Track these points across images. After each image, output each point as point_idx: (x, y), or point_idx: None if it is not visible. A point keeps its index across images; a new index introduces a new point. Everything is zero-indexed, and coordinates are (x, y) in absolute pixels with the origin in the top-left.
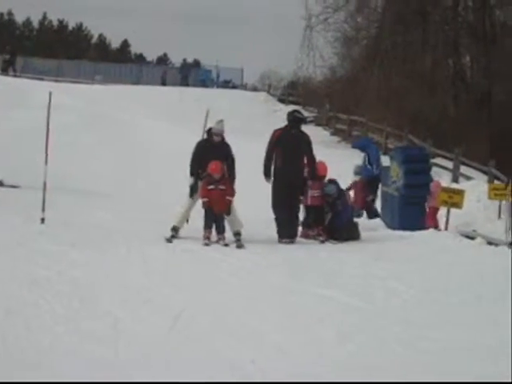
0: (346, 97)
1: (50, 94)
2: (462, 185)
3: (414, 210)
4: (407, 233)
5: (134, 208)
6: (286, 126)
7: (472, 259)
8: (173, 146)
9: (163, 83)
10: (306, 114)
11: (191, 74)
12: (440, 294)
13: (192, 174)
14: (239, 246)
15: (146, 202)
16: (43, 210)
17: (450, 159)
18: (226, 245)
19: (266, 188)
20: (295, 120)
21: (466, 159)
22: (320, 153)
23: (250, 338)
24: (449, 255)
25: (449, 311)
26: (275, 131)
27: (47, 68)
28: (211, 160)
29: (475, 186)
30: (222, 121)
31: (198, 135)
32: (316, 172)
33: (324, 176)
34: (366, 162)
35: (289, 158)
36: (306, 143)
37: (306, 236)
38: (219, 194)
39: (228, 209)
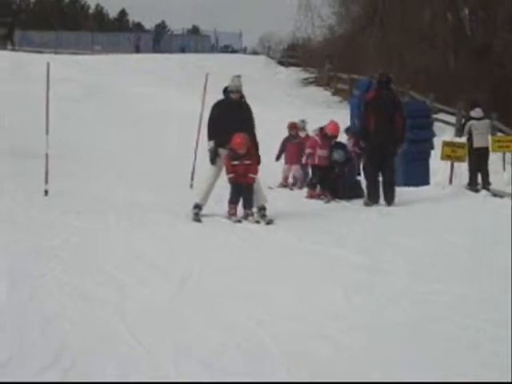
0: (346, 56)
1: (48, 64)
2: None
3: (417, 166)
4: (411, 189)
5: (137, 176)
6: (378, 89)
7: (477, 212)
8: (176, 112)
9: (137, 50)
10: (306, 75)
11: (163, 40)
12: (447, 247)
13: (210, 138)
14: (268, 221)
15: (149, 170)
16: (46, 181)
17: (453, 114)
18: (257, 221)
19: (272, 151)
20: (386, 81)
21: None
22: (322, 113)
23: (257, 300)
24: (454, 209)
25: (456, 264)
26: (366, 94)
27: (45, 40)
28: (230, 123)
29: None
30: (239, 76)
31: (200, 99)
32: (398, 132)
33: (335, 136)
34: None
35: (381, 120)
36: (397, 104)
37: (310, 196)
38: (245, 169)
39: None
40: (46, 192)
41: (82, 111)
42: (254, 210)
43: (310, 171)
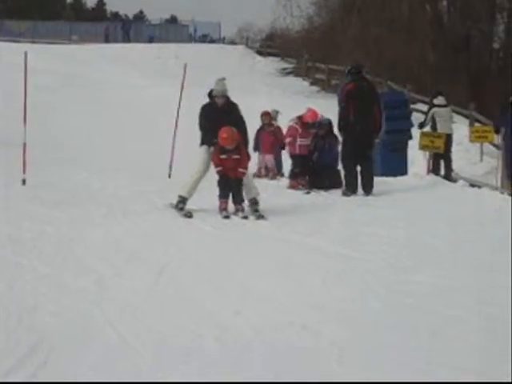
0: (325, 46)
1: (26, 54)
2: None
3: (395, 156)
4: (389, 179)
5: (116, 166)
6: (356, 80)
7: (455, 202)
8: (154, 102)
9: (106, 39)
10: (285, 65)
11: (132, 30)
12: (424, 237)
13: (204, 143)
14: (259, 216)
15: (128, 159)
16: (24, 171)
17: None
18: (246, 217)
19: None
20: (357, 72)
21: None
22: (300, 102)
23: (235, 289)
24: (432, 199)
25: (433, 254)
26: (346, 85)
27: (23, 30)
28: (219, 126)
29: (456, 130)
30: (223, 79)
31: (179, 89)
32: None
33: (313, 123)
34: None
35: (361, 111)
36: (375, 95)
37: (292, 187)
38: (234, 163)
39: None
40: (24, 182)
41: (60, 101)
42: (246, 203)
43: (283, 161)
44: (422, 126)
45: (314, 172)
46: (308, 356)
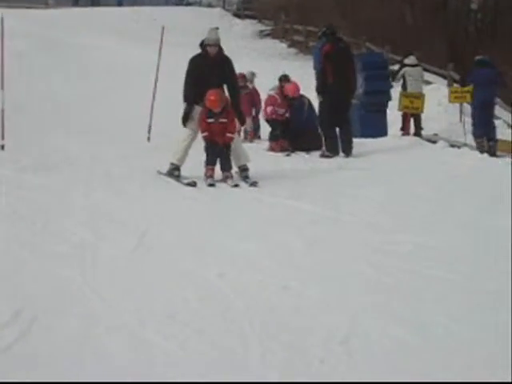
0: (302, 8)
1: (2, 18)
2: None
3: (375, 117)
4: (369, 140)
5: (94, 129)
6: (333, 42)
7: (435, 162)
8: (132, 65)
9: (75, 3)
10: (262, 27)
11: None
12: (406, 198)
13: (187, 100)
14: (252, 183)
15: (106, 123)
16: (2, 136)
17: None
18: (236, 185)
19: None
20: (334, 32)
21: (425, 64)
22: (277, 65)
23: (218, 253)
24: (412, 159)
25: (415, 215)
26: (323, 46)
27: None
28: (209, 79)
29: (435, 91)
30: (216, 28)
31: (156, 52)
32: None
33: (293, 98)
34: None
35: (338, 73)
36: (350, 56)
37: (272, 149)
38: (221, 127)
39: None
40: (3, 147)
41: (38, 65)
42: (235, 170)
43: (260, 124)
44: (393, 79)
45: (294, 135)
46: (288, 314)
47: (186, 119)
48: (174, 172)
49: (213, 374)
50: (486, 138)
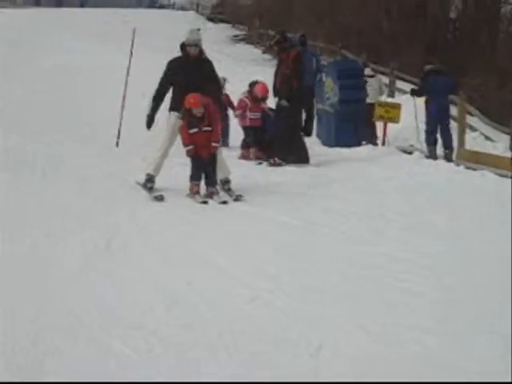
0: (277, 13)
1: None
2: (398, 99)
3: (349, 126)
4: (344, 149)
5: (60, 132)
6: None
7: (410, 173)
8: (102, 67)
9: (36, 3)
10: (236, 32)
11: None
12: (379, 208)
13: (155, 98)
14: (236, 198)
15: (74, 125)
16: None
17: (386, 74)
18: (224, 202)
19: None
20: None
21: (402, 73)
22: (252, 71)
23: (187, 261)
24: (387, 170)
25: (388, 226)
26: (290, 52)
27: None
28: (189, 82)
29: (411, 100)
30: (197, 29)
31: (127, 55)
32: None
33: (264, 98)
34: None
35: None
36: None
37: (243, 157)
38: (205, 137)
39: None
40: None
41: (4, 65)
42: (218, 184)
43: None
44: None
45: (269, 143)
46: (259, 325)
47: (150, 121)
48: (148, 183)
49: None
50: (442, 146)
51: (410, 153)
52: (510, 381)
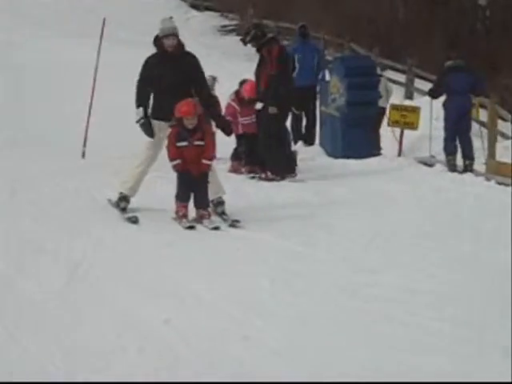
0: (273, 0)
1: None
2: (417, 101)
3: (359, 134)
4: (352, 161)
5: (19, 140)
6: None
7: (431, 189)
8: (67, 63)
9: None
10: (225, 21)
11: None
12: (391, 233)
13: (139, 104)
14: (232, 223)
15: (34, 132)
16: None
17: (403, 71)
18: (216, 228)
19: None
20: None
21: (421, 71)
22: (242, 67)
23: (165, 293)
24: (403, 185)
25: (400, 251)
26: (272, 48)
27: None
28: (170, 84)
29: (432, 103)
30: (170, 18)
31: (96, 49)
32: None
33: (252, 99)
34: None
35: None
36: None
37: (234, 170)
38: (196, 153)
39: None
40: None
41: None
42: (210, 206)
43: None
44: None
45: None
46: (249, 370)
47: (147, 129)
48: (121, 203)
49: None
50: (462, 156)
51: (431, 165)
52: (510, 381)
